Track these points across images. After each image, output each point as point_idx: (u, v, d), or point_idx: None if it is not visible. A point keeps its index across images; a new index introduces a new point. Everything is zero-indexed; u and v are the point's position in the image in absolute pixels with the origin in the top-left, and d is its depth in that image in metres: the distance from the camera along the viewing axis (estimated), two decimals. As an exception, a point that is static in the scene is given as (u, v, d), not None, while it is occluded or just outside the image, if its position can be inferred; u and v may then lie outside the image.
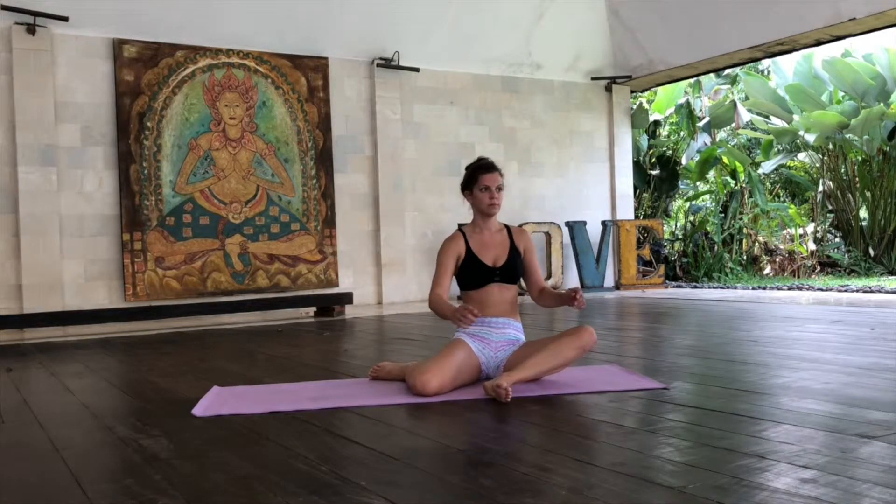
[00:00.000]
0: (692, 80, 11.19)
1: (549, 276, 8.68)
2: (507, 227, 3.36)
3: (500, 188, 3.24)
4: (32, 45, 6.47)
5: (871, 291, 7.91)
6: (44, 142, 6.50)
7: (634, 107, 10.34)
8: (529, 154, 8.96)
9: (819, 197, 12.25)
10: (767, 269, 11.51)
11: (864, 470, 1.84)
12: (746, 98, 12.25)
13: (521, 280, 3.31)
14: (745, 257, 11.46)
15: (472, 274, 3.19)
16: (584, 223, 8.89)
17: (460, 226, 3.38)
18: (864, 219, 11.57)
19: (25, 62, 6.45)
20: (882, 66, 10.88)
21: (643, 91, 10.61)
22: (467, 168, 3.33)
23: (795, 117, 11.47)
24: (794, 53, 9.07)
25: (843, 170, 11.70)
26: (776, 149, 12.20)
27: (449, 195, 8.37)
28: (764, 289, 8.91)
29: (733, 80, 12.66)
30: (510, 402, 2.75)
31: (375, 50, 8.03)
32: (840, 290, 8.24)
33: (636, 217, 10.54)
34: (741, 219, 11.42)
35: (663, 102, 11.74)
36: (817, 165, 12.30)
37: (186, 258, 7.01)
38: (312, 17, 7.58)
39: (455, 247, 3.25)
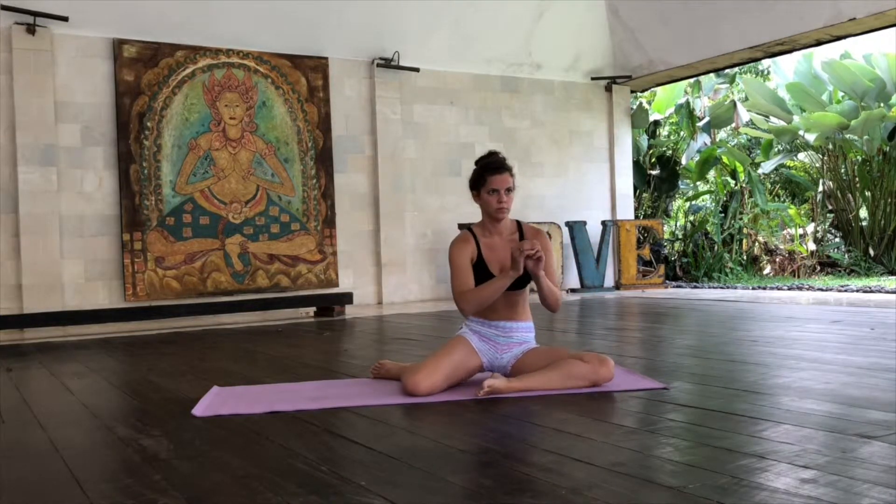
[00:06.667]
0: (692, 80, 11.19)
1: (549, 276, 8.67)
2: (519, 226, 3.15)
3: (509, 190, 3.04)
4: (32, 45, 6.47)
5: (871, 291, 7.91)
6: (44, 142, 6.50)
7: (634, 107, 10.33)
8: (529, 154, 8.96)
9: (819, 197, 12.24)
10: (767, 269, 11.51)
11: (864, 470, 1.84)
12: (746, 99, 12.26)
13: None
14: (745, 257, 11.46)
15: (479, 281, 3.01)
16: (584, 223, 8.89)
17: (470, 226, 3.15)
18: (864, 219, 11.57)
19: (25, 62, 6.44)
20: (881, 69, 10.87)
21: (643, 91, 10.61)
22: (476, 163, 3.11)
23: (795, 118, 11.47)
24: (794, 53, 9.07)
25: (843, 170, 11.70)
26: (776, 149, 12.20)
27: (449, 195, 8.38)
28: (764, 289, 8.91)
29: (732, 79, 12.66)
30: (510, 403, 2.76)
31: (375, 50, 8.03)
32: (840, 290, 8.24)
33: (636, 217, 10.54)
34: (741, 219, 11.42)
35: (663, 102, 11.74)
36: (817, 165, 12.30)
37: (186, 258, 7.01)
38: (312, 17, 7.58)
39: (467, 249, 3.05)
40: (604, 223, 9.15)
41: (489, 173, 3.04)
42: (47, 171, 6.51)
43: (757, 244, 11.78)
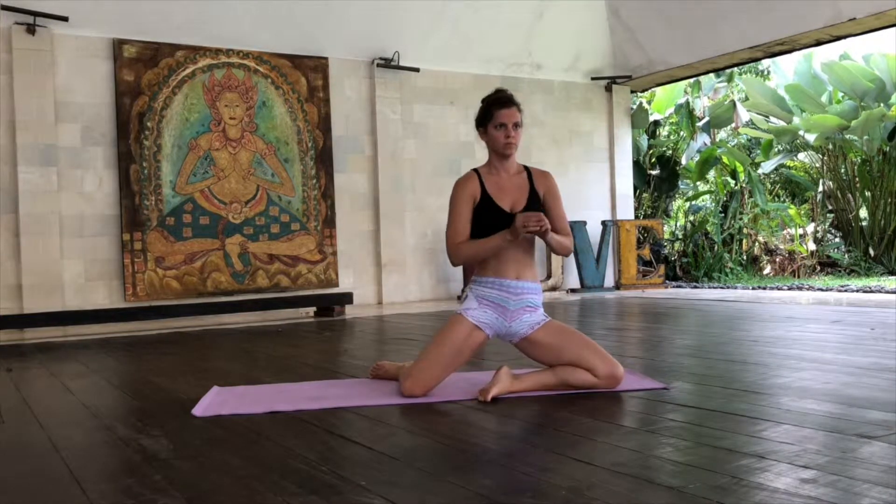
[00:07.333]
0: (692, 80, 11.19)
1: (549, 276, 8.68)
2: (526, 168, 3.05)
3: (517, 125, 2.94)
4: (32, 45, 6.47)
5: (871, 291, 7.91)
6: (44, 142, 6.50)
7: (634, 107, 10.33)
8: (529, 154, 8.95)
9: (819, 197, 12.24)
10: (767, 269, 11.51)
11: (864, 470, 1.84)
12: (746, 98, 12.26)
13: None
14: (745, 257, 11.46)
15: (487, 220, 2.91)
16: (584, 223, 8.89)
17: (475, 168, 3.06)
18: (865, 219, 11.56)
19: (25, 62, 6.44)
20: (881, 70, 10.87)
21: (643, 91, 10.61)
22: (483, 101, 3.03)
23: (795, 118, 11.47)
24: (795, 53, 9.07)
25: (843, 170, 11.70)
26: (776, 149, 12.20)
27: (449, 195, 8.37)
28: (764, 289, 8.91)
29: (730, 78, 12.65)
30: (510, 403, 2.76)
31: (375, 50, 8.03)
32: (840, 290, 8.24)
33: (636, 217, 10.54)
34: (741, 219, 11.42)
35: (663, 102, 11.74)
36: (817, 165, 12.30)
37: (186, 258, 7.01)
38: (312, 16, 7.58)
39: (470, 188, 2.96)
40: (604, 223, 9.15)
41: (496, 107, 2.96)
42: (47, 171, 6.51)
43: (757, 244, 11.78)
